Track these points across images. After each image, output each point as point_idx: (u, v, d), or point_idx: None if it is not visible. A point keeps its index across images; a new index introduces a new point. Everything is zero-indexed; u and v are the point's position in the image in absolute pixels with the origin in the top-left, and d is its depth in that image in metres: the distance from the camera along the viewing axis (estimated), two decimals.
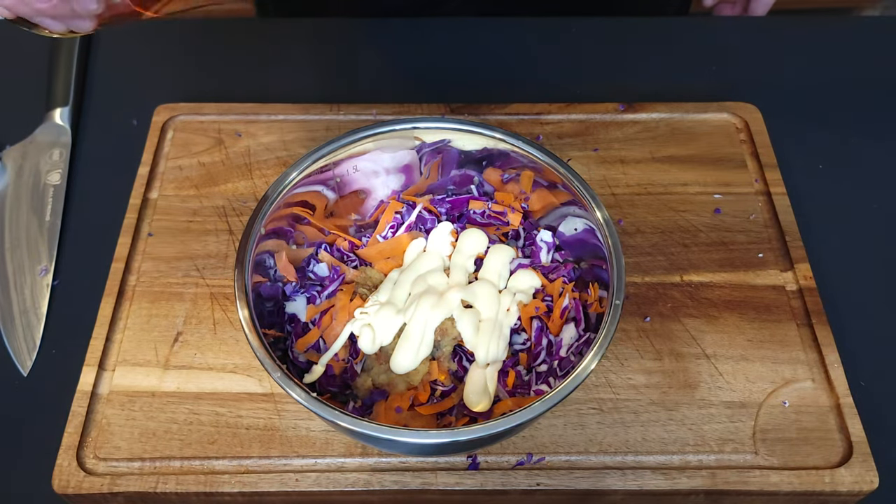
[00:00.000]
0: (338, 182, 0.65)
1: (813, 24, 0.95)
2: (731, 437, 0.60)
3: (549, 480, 0.58)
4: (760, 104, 0.80)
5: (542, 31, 0.91)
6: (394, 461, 0.59)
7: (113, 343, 0.64)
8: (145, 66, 0.88)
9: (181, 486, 0.57)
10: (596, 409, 0.61)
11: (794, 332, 0.65)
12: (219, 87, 0.85)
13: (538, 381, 0.59)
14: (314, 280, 0.65)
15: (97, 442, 0.60)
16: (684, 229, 0.71)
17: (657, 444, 0.59)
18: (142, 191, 0.73)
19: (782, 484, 0.58)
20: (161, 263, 0.69)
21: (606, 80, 0.86)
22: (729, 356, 0.64)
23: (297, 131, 0.78)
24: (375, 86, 0.85)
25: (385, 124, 0.62)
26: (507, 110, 0.80)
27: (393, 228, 0.67)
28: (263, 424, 0.60)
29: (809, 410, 0.61)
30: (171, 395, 0.62)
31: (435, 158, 0.66)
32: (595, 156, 0.76)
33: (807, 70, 0.87)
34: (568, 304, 0.61)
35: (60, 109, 0.81)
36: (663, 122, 0.79)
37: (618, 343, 0.64)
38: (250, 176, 0.75)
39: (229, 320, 0.66)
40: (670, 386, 0.62)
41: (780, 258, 0.70)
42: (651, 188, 0.74)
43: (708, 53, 0.89)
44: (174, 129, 0.78)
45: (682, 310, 0.66)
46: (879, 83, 0.86)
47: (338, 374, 0.60)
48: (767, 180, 0.74)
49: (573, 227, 0.63)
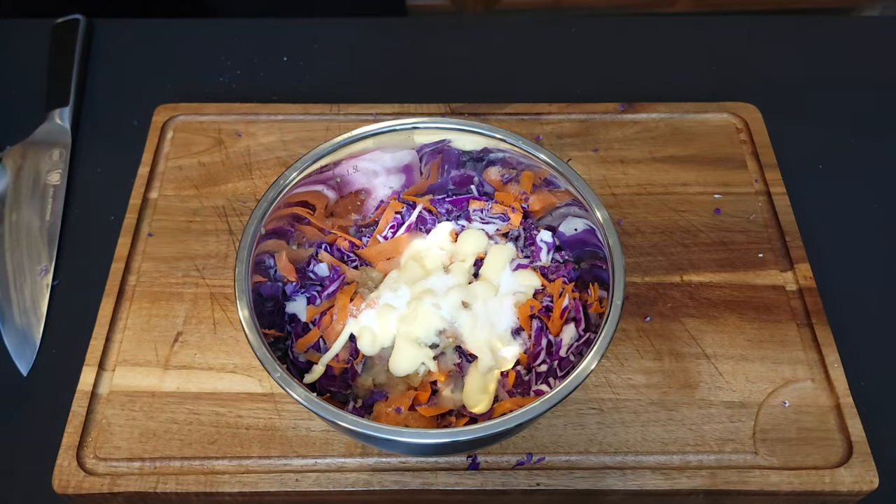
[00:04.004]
0: (338, 182, 0.65)
1: (813, 24, 0.95)
2: (731, 437, 0.60)
3: (549, 480, 0.58)
4: (760, 104, 0.80)
5: (542, 31, 0.91)
6: (394, 461, 0.59)
7: (113, 343, 0.64)
8: (145, 66, 0.88)
9: (181, 486, 0.57)
10: (596, 409, 0.61)
11: (794, 332, 0.65)
12: (219, 87, 0.85)
13: (538, 381, 0.59)
14: (314, 280, 0.65)
15: (97, 442, 0.60)
16: (684, 229, 0.71)
17: (657, 444, 0.59)
18: (142, 191, 0.73)
19: (782, 484, 0.58)
20: (161, 263, 0.69)
21: (606, 80, 0.86)
22: (729, 356, 0.64)
23: (297, 131, 0.78)
24: (375, 86, 0.85)
25: (385, 124, 0.62)
26: (507, 110, 0.80)
27: (393, 228, 0.67)
28: (263, 424, 0.60)
29: (809, 410, 0.61)
30: (171, 395, 0.62)
31: (435, 158, 0.66)
32: (595, 156, 0.76)
33: (807, 70, 0.87)
34: (568, 304, 0.61)
35: (60, 109, 0.81)
36: (663, 122, 0.79)
37: (618, 343, 0.64)
38: (250, 176, 0.75)
39: (229, 320, 0.66)
40: (670, 386, 0.62)
41: (780, 258, 0.70)
42: (651, 188, 0.74)
43: (708, 53, 0.89)
44: (174, 129, 0.78)
45: (682, 310, 0.66)
46: (879, 83, 0.86)
47: (338, 375, 0.60)
48: (767, 180, 0.74)
49: (573, 227, 0.63)
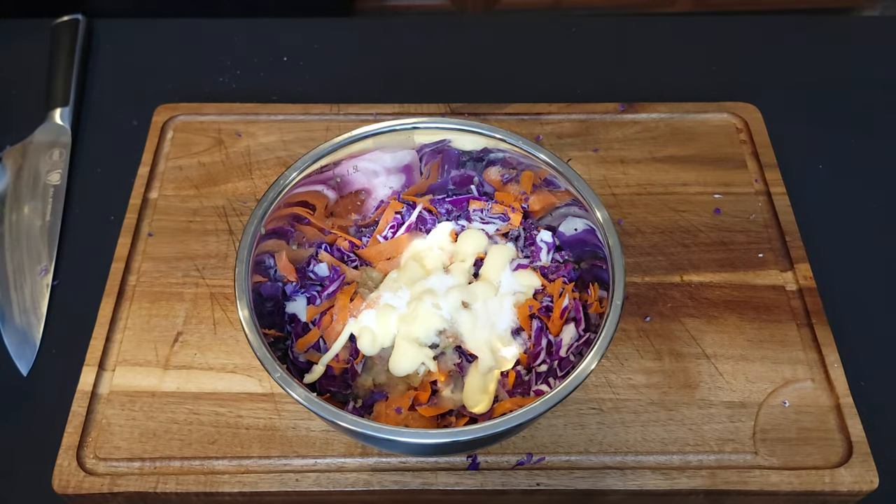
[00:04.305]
0: (338, 182, 0.65)
1: (813, 24, 0.95)
2: (731, 437, 0.60)
3: (549, 480, 0.58)
4: (760, 104, 0.80)
5: (542, 31, 0.91)
6: (394, 461, 0.59)
7: (113, 343, 0.64)
8: (145, 66, 0.88)
9: (181, 486, 0.57)
10: (596, 409, 0.61)
11: (794, 332, 0.65)
12: (219, 87, 0.85)
13: (538, 381, 0.59)
14: (314, 280, 0.65)
15: (97, 442, 0.60)
16: (684, 229, 0.71)
17: (657, 444, 0.59)
18: (142, 191, 0.73)
19: (782, 484, 0.58)
20: (161, 263, 0.69)
21: (606, 80, 0.86)
22: (729, 356, 0.64)
23: (297, 131, 0.78)
24: (375, 86, 0.85)
25: (385, 124, 0.62)
26: (507, 110, 0.80)
27: (393, 228, 0.67)
28: (263, 424, 0.60)
29: (809, 410, 0.61)
30: (171, 395, 0.62)
31: (435, 158, 0.66)
32: (595, 156, 0.76)
33: (807, 70, 0.87)
34: (568, 304, 0.61)
35: (60, 109, 0.81)
36: (663, 122, 0.79)
37: (618, 343, 0.64)
38: (250, 176, 0.75)
39: (229, 320, 0.66)
40: (670, 386, 0.62)
41: (780, 258, 0.70)
42: (651, 188, 0.74)
43: (708, 53, 0.89)
44: (174, 129, 0.78)
45: (682, 310, 0.66)
46: (879, 83, 0.86)
47: (338, 375, 0.60)
48: (767, 180, 0.74)
49: (573, 227, 0.63)
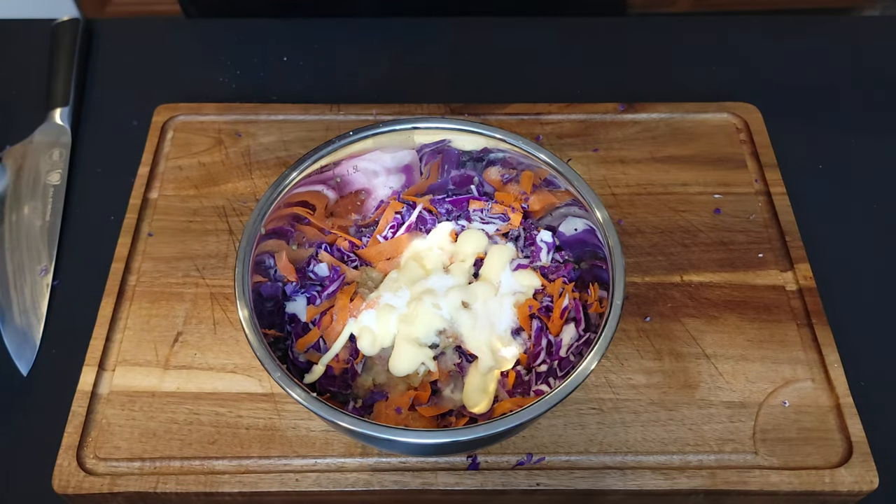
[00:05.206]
0: (338, 182, 0.65)
1: (813, 24, 0.95)
2: (731, 437, 0.60)
3: (549, 480, 0.58)
4: (760, 104, 0.80)
5: (542, 32, 0.91)
6: (394, 461, 0.59)
7: (113, 343, 0.64)
8: (145, 66, 0.88)
9: (181, 486, 0.57)
10: (596, 409, 0.61)
11: (794, 332, 0.65)
12: (219, 87, 0.85)
13: (538, 381, 0.59)
14: (314, 280, 0.65)
15: (97, 442, 0.60)
16: (684, 229, 0.71)
17: (657, 444, 0.59)
18: (142, 191, 0.73)
19: (782, 484, 0.58)
20: (161, 263, 0.69)
21: (606, 80, 0.86)
22: (729, 356, 0.64)
23: (297, 131, 0.78)
24: (375, 86, 0.85)
25: (385, 124, 0.62)
26: (507, 110, 0.80)
27: (393, 228, 0.67)
28: (263, 424, 0.60)
29: (809, 410, 0.61)
30: (171, 395, 0.62)
31: (435, 158, 0.66)
32: (595, 156, 0.76)
33: (807, 70, 0.87)
34: (568, 304, 0.61)
35: (60, 109, 0.81)
36: (663, 122, 0.79)
37: (618, 343, 0.64)
38: (250, 176, 0.75)
39: (229, 320, 0.66)
40: (670, 386, 0.62)
41: (780, 258, 0.70)
42: (651, 188, 0.74)
43: (708, 53, 0.89)
44: (174, 129, 0.78)
45: (682, 310, 0.66)
46: (879, 83, 0.86)
47: (338, 375, 0.60)
48: (767, 180, 0.74)
49: (573, 227, 0.63)
